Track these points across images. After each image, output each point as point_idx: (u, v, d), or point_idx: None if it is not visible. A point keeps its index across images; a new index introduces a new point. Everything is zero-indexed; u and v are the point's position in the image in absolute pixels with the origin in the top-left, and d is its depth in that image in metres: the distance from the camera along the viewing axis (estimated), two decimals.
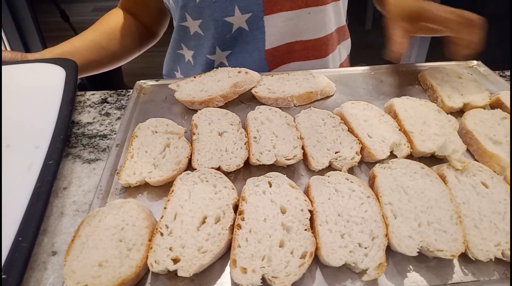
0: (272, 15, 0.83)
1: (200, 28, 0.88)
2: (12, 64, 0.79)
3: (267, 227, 0.49)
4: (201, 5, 0.84)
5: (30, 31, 2.30)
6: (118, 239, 0.48)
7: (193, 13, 0.86)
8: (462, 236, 0.48)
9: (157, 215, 0.52)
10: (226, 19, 0.84)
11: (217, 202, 0.52)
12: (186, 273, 0.44)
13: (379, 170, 0.56)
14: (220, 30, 0.86)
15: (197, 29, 0.88)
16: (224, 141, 0.65)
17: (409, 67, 0.89)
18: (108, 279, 0.44)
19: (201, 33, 0.89)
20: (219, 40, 0.88)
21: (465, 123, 0.66)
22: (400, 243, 0.47)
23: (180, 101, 0.76)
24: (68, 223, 0.54)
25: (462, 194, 0.54)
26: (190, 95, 0.76)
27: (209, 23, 0.86)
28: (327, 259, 0.46)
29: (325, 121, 0.69)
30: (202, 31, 0.88)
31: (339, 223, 0.50)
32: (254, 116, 0.70)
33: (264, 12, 0.82)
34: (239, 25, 0.85)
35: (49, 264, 0.49)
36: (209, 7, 0.83)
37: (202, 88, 0.77)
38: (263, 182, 0.55)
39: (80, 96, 0.85)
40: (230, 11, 0.83)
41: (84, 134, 0.73)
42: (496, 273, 0.47)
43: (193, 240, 0.48)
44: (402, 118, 0.68)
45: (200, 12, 0.85)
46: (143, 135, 0.66)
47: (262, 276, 0.44)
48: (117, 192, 0.58)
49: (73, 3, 3.73)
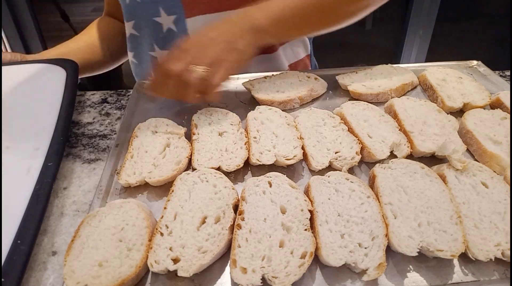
0: (193, 17, 0.84)
1: (134, 29, 0.90)
2: (12, 65, 0.79)
3: (267, 227, 0.49)
4: (130, 6, 0.86)
5: (30, 31, 2.30)
6: (118, 239, 0.48)
7: (126, 15, 0.89)
8: (462, 236, 0.48)
9: (157, 215, 0.52)
10: (155, 19, 0.86)
11: (217, 202, 0.52)
12: (186, 273, 0.44)
13: (379, 170, 0.56)
14: (152, 29, 0.87)
15: (132, 31, 0.91)
16: (224, 141, 0.65)
17: (409, 67, 0.89)
18: (108, 279, 0.44)
19: (136, 33, 0.91)
20: (155, 38, 0.89)
21: (465, 123, 0.66)
22: (400, 243, 0.47)
23: (259, 100, 0.76)
24: (68, 223, 0.54)
25: (462, 194, 0.54)
26: (269, 95, 0.77)
27: (141, 23, 0.88)
28: (327, 259, 0.46)
29: (325, 121, 0.69)
30: (137, 31, 0.90)
31: (339, 223, 0.50)
32: (254, 116, 0.70)
33: (185, 14, 0.84)
34: (168, 25, 0.86)
35: (49, 264, 0.49)
36: (138, 8, 0.85)
37: (278, 89, 0.78)
38: (263, 182, 0.54)
39: (80, 96, 0.85)
40: (156, 12, 0.84)
41: (84, 134, 0.73)
42: (496, 273, 0.47)
43: (193, 240, 0.48)
44: (402, 118, 0.68)
45: (131, 13, 0.88)
46: (143, 135, 0.66)
47: (262, 276, 0.44)
48: (117, 192, 0.58)
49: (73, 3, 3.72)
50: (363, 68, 0.85)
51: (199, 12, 0.84)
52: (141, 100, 0.80)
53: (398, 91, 0.78)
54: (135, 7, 0.86)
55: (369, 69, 0.84)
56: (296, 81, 0.81)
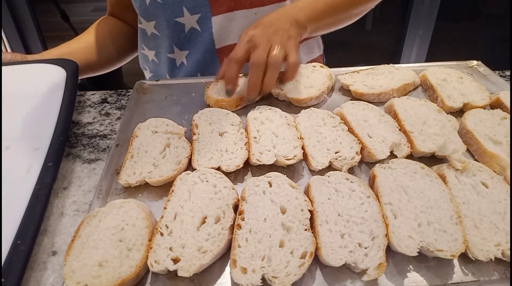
0: (219, 15, 0.85)
1: (155, 29, 0.91)
2: (13, 65, 0.79)
3: (267, 227, 0.49)
4: (151, 7, 0.86)
5: (30, 31, 2.30)
6: (118, 239, 0.48)
7: (146, 16, 0.89)
8: (462, 236, 0.48)
9: (157, 215, 0.52)
10: (177, 20, 0.86)
11: (217, 202, 0.52)
12: (186, 273, 0.44)
13: (379, 170, 0.56)
14: (173, 30, 0.88)
15: (153, 30, 0.91)
16: (224, 141, 0.65)
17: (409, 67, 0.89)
18: (108, 279, 0.44)
19: (157, 33, 0.91)
20: (175, 40, 0.90)
21: (465, 123, 0.66)
22: (400, 243, 0.47)
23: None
24: (68, 223, 0.54)
25: (462, 194, 0.54)
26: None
27: (162, 24, 0.88)
28: (327, 259, 0.46)
29: (325, 121, 0.69)
30: (158, 32, 0.91)
31: (339, 223, 0.50)
32: (254, 116, 0.70)
33: (211, 13, 0.84)
34: (191, 25, 0.87)
35: (49, 264, 0.49)
36: (159, 9, 0.85)
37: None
38: (263, 182, 0.54)
39: (80, 96, 0.85)
40: (179, 12, 0.85)
41: (84, 134, 0.73)
42: (496, 273, 0.47)
43: (193, 240, 0.48)
44: (402, 118, 0.68)
45: (152, 14, 0.88)
46: (143, 135, 0.66)
47: (262, 276, 0.44)
48: (117, 192, 0.58)
49: (73, 3, 3.72)
50: (365, 68, 0.85)
51: (226, 9, 0.85)
52: (141, 100, 0.80)
53: (399, 91, 0.78)
54: (156, 8, 0.85)
55: (370, 69, 0.84)
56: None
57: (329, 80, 0.80)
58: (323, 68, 0.84)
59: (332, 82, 0.81)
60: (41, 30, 2.37)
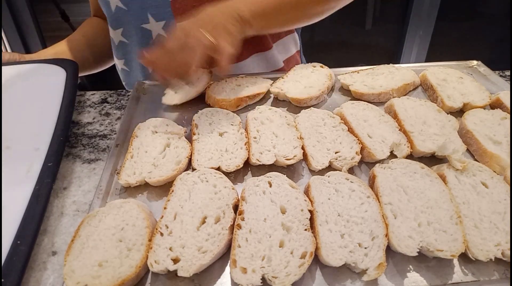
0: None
1: (123, 36, 0.90)
2: (12, 65, 0.79)
3: (267, 227, 0.49)
4: (117, 14, 0.86)
5: (30, 31, 2.30)
6: (118, 239, 0.48)
7: (112, 22, 0.89)
8: (462, 236, 0.48)
9: (157, 215, 0.52)
10: (144, 26, 0.86)
11: (217, 202, 0.52)
12: (186, 273, 0.44)
13: (379, 170, 0.56)
14: (141, 37, 0.88)
15: (121, 38, 0.91)
16: (224, 141, 0.65)
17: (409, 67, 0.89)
18: (108, 279, 0.44)
19: (125, 41, 0.91)
20: (144, 46, 0.89)
21: (465, 123, 0.66)
22: (400, 243, 0.47)
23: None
24: (68, 223, 0.54)
25: (462, 194, 0.54)
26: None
27: (130, 31, 0.88)
28: (327, 259, 0.46)
29: (325, 121, 0.69)
30: (126, 39, 0.91)
31: (339, 223, 0.50)
32: (254, 116, 0.69)
33: (175, 19, 0.83)
34: (158, 32, 0.86)
35: (49, 264, 0.49)
36: (125, 16, 0.85)
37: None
38: (263, 182, 0.54)
39: (80, 96, 0.85)
40: (144, 19, 0.85)
41: (84, 134, 0.73)
42: (496, 273, 0.47)
43: (193, 240, 0.48)
44: (402, 118, 0.68)
45: (118, 20, 0.88)
46: (143, 135, 0.66)
47: (262, 276, 0.44)
48: (117, 192, 0.58)
49: (73, 3, 3.72)
50: (365, 68, 0.85)
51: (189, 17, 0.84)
52: (141, 100, 0.80)
53: (399, 91, 0.78)
54: (123, 15, 0.86)
55: (370, 69, 0.84)
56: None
57: (329, 80, 0.80)
58: (323, 68, 0.84)
59: (332, 82, 0.81)
60: (41, 30, 2.37)
